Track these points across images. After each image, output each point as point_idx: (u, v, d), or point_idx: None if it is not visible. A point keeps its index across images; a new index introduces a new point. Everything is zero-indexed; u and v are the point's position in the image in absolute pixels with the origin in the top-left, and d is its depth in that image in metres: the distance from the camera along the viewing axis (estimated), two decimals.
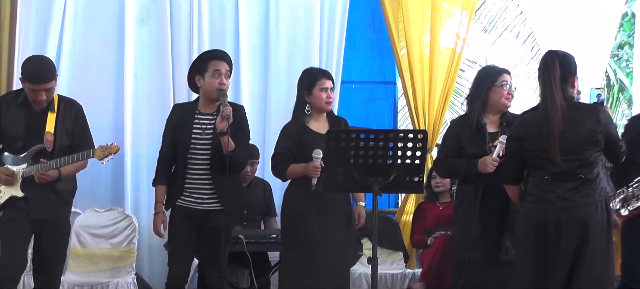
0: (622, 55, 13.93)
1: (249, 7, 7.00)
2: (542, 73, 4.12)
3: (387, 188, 4.18)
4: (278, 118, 6.84)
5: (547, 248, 4.00)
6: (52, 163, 4.67)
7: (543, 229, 4.01)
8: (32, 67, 4.72)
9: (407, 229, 7.05)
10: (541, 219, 4.03)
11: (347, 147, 4.05)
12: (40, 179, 4.65)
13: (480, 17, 11.72)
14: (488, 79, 4.72)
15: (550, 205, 4.01)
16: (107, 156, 4.71)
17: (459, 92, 11.91)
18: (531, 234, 4.05)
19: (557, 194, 4.01)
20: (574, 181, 4.01)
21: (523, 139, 4.13)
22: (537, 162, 4.08)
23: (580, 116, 4.06)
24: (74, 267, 6.30)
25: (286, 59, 7.03)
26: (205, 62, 4.91)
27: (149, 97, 6.83)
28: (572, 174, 4.01)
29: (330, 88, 4.93)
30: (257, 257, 5.79)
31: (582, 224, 3.97)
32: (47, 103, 4.74)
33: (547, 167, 4.03)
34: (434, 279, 6.08)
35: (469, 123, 4.69)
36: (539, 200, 4.06)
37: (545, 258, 4.01)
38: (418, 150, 4.07)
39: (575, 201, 4.00)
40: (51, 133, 4.73)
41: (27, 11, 6.59)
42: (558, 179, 4.02)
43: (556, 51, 4.16)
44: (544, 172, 4.05)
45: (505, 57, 12.10)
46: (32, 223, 4.72)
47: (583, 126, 4.04)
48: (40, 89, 4.66)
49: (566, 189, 4.01)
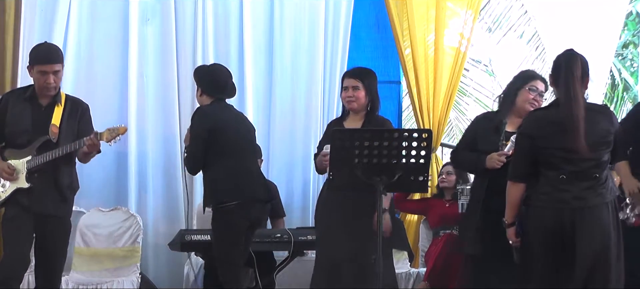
0: (627, 54, 13.93)
1: (254, 6, 7.00)
2: (563, 70, 4.05)
3: (391, 187, 4.17)
4: (283, 118, 6.86)
5: (563, 249, 3.97)
6: (58, 150, 4.68)
7: (559, 230, 3.96)
8: (40, 49, 4.83)
9: (412, 228, 7.06)
10: (556, 219, 3.97)
11: (352, 147, 4.05)
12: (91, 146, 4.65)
13: (484, 16, 11.73)
14: (519, 81, 4.77)
15: (566, 205, 3.97)
16: (115, 137, 4.74)
17: (463, 91, 11.95)
18: (545, 234, 4.00)
19: (572, 193, 3.97)
20: (589, 180, 3.99)
21: (537, 137, 4.05)
22: (551, 161, 4.02)
23: (596, 116, 4.04)
24: (79, 266, 6.31)
25: (291, 59, 7.03)
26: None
27: (154, 96, 6.83)
28: (587, 173, 3.98)
29: (352, 86, 4.90)
30: (262, 256, 5.79)
31: (599, 225, 3.95)
32: (55, 90, 4.76)
33: (563, 166, 3.99)
34: (439, 279, 6.08)
35: (490, 120, 4.75)
36: (553, 199, 4.00)
37: (561, 259, 3.98)
38: (423, 149, 4.07)
39: (590, 201, 3.97)
40: (56, 125, 4.76)
41: (32, 10, 6.59)
42: (573, 179, 3.98)
43: (575, 51, 4.15)
44: (558, 172, 4.00)
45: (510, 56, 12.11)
46: (35, 218, 4.71)
47: (599, 126, 4.02)
48: (49, 70, 4.70)
49: (582, 188, 3.97)
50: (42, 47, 4.87)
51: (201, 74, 5.22)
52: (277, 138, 6.89)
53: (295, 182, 7.01)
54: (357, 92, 4.88)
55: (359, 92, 4.89)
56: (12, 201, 4.75)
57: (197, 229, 6.09)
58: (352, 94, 4.88)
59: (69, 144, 4.72)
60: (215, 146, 4.94)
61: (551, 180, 4.02)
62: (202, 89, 5.10)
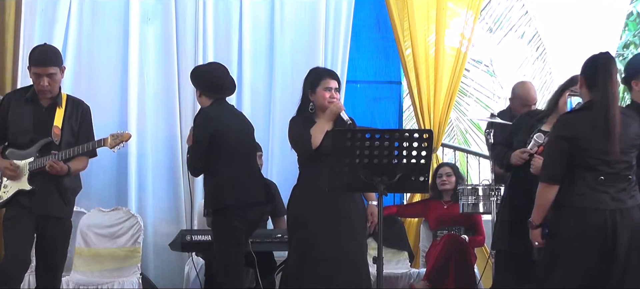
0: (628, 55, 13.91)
1: (254, 7, 7.00)
2: (602, 71, 4.04)
3: (392, 188, 4.17)
4: (283, 118, 6.82)
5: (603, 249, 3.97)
6: (62, 154, 4.70)
7: (601, 231, 3.96)
8: (37, 51, 4.85)
9: (412, 229, 7.06)
10: (598, 220, 3.97)
11: (353, 147, 4.05)
12: (51, 168, 4.66)
13: (485, 17, 11.74)
14: (566, 83, 4.82)
15: (605, 205, 3.98)
16: (119, 144, 4.76)
17: (464, 91, 11.94)
18: (586, 234, 3.98)
19: (610, 194, 3.99)
20: (623, 182, 4.02)
21: (576, 139, 4.03)
22: (589, 162, 4.01)
23: (628, 119, 4.07)
24: (79, 267, 6.31)
25: (291, 59, 7.03)
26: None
27: (154, 96, 6.83)
28: (621, 175, 4.01)
29: (334, 88, 4.92)
30: (263, 257, 5.78)
31: (633, 227, 3.99)
32: (51, 93, 4.77)
33: (601, 168, 4.00)
34: (438, 278, 6.08)
35: (531, 117, 4.85)
36: (592, 201, 4.00)
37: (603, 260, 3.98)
38: (423, 150, 4.06)
39: (626, 202, 4.01)
40: (59, 127, 4.77)
41: (32, 10, 6.60)
42: (611, 180, 4.00)
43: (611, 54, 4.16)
44: (597, 173, 4.00)
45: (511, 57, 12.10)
46: (36, 219, 4.72)
47: (631, 129, 4.05)
48: (43, 72, 4.71)
49: (618, 189, 4.01)
50: (39, 49, 4.89)
51: (198, 75, 5.22)
52: (277, 138, 6.88)
53: (295, 181, 6.99)
54: (337, 94, 4.94)
55: (337, 93, 4.95)
56: (13, 201, 4.76)
57: (198, 230, 6.09)
58: (335, 95, 4.91)
59: (70, 149, 4.73)
60: (218, 150, 4.93)
61: (590, 182, 4.01)
62: (200, 91, 5.11)
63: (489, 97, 12.66)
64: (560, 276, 4.04)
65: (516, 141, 4.80)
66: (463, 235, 6.34)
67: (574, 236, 4.01)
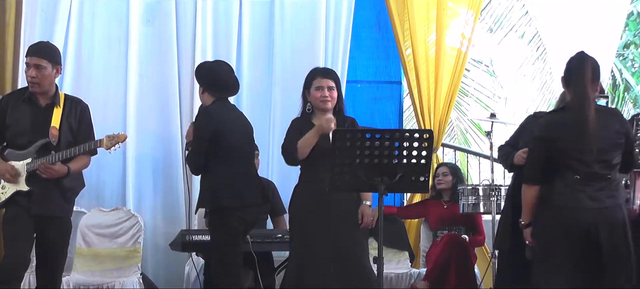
0: (628, 54, 13.94)
1: (254, 6, 6.99)
2: (573, 72, 4.12)
3: (392, 188, 4.17)
4: (283, 118, 6.82)
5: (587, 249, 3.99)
6: (58, 155, 4.69)
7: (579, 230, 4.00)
8: (34, 43, 4.91)
9: (413, 229, 7.06)
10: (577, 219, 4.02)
11: (353, 147, 4.05)
12: (45, 171, 4.65)
13: (485, 17, 11.74)
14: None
15: (583, 204, 4.02)
16: (115, 145, 4.75)
17: (464, 91, 11.95)
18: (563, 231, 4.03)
19: (586, 193, 4.03)
20: (601, 181, 4.04)
21: (554, 140, 4.10)
22: (566, 162, 4.06)
23: (606, 118, 4.09)
24: (80, 267, 6.30)
25: (291, 59, 7.02)
26: None
27: (154, 96, 6.83)
28: (599, 174, 4.04)
29: (327, 87, 4.90)
30: (263, 257, 5.78)
31: (611, 226, 4.01)
32: (40, 87, 4.76)
33: (577, 167, 4.04)
34: (438, 278, 6.08)
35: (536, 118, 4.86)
36: (569, 200, 4.05)
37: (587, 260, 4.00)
38: (424, 150, 4.06)
39: (604, 201, 4.03)
40: (56, 128, 4.77)
41: (33, 11, 6.60)
42: (588, 179, 4.03)
43: (587, 53, 4.18)
44: (573, 172, 4.04)
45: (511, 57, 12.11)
46: (35, 219, 4.72)
47: (610, 128, 4.07)
48: (31, 63, 4.74)
49: (596, 189, 4.03)
50: (37, 42, 4.94)
51: (202, 72, 5.20)
52: (277, 138, 6.87)
53: (295, 181, 6.98)
54: (332, 92, 4.91)
55: (333, 92, 4.92)
56: (12, 202, 4.76)
57: (198, 230, 6.08)
58: (328, 94, 4.89)
59: (67, 149, 4.73)
60: (218, 150, 4.93)
61: (567, 181, 4.07)
62: (203, 88, 5.09)
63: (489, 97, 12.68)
64: (543, 272, 4.10)
65: (522, 142, 4.86)
66: (463, 235, 6.35)
67: (554, 234, 4.08)
